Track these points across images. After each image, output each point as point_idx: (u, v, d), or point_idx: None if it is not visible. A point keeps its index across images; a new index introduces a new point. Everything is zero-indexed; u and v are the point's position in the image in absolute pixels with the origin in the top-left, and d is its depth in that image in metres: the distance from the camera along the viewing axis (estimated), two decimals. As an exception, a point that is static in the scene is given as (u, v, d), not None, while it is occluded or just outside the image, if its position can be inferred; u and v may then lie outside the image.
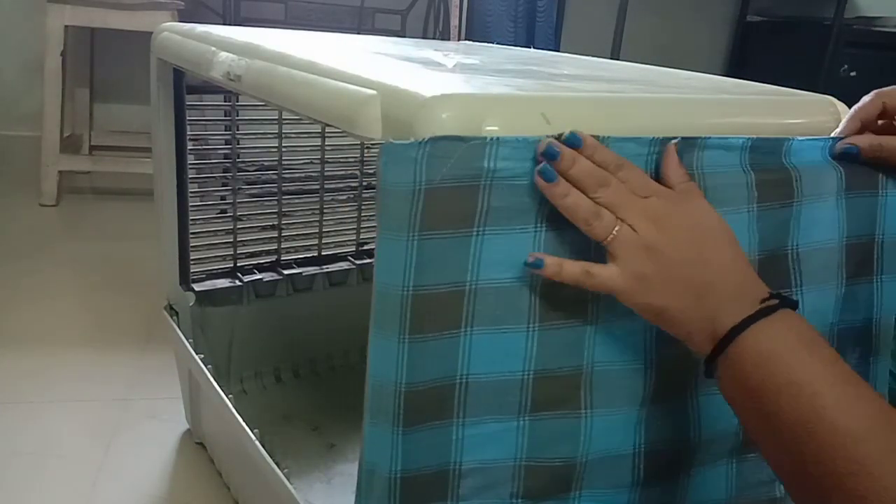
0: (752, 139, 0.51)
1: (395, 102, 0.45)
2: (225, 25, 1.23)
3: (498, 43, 1.16)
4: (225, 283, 1.04)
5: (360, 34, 1.43)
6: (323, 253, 1.15)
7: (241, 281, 1.05)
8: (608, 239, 0.45)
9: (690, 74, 0.75)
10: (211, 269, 1.04)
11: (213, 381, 0.84)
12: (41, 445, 0.99)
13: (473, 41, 1.18)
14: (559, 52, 1.17)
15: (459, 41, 2.07)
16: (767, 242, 0.52)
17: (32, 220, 1.83)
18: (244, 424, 0.76)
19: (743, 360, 0.43)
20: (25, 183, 1.97)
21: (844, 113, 0.57)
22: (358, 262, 1.16)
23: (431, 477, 0.48)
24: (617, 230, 0.44)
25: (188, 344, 0.92)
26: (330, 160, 1.10)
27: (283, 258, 1.11)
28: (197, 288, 1.00)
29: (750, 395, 0.43)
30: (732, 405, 0.45)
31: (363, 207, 1.16)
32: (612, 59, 1.16)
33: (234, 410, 0.78)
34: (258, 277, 1.06)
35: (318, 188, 1.11)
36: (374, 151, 1.12)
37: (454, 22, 2.23)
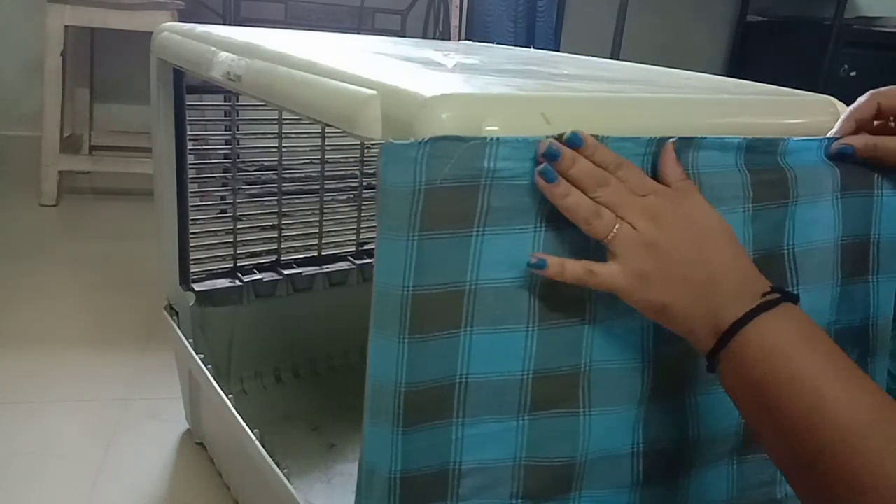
0: (747, 139, 0.51)
1: (395, 102, 0.45)
2: (225, 25, 1.23)
3: (498, 43, 1.16)
4: (225, 283, 1.04)
5: (360, 34, 1.43)
6: (323, 253, 1.15)
7: (241, 281, 1.05)
8: (608, 237, 0.45)
9: (690, 74, 0.75)
10: (211, 269, 1.04)
11: (213, 381, 0.84)
12: (41, 445, 0.99)
13: (473, 41, 1.18)
14: (559, 52, 1.17)
15: (459, 41, 2.07)
16: (763, 242, 0.53)
17: (32, 220, 1.83)
18: (244, 424, 0.76)
19: (745, 354, 0.43)
20: (25, 183, 1.97)
21: (845, 113, 0.57)
22: (358, 262, 1.16)
23: (431, 477, 0.48)
24: (617, 228, 0.45)
25: (188, 344, 0.92)
26: (330, 160, 1.10)
27: (283, 258, 1.11)
28: (197, 288, 1.00)
29: (752, 389, 0.43)
30: (734, 399, 0.45)
31: (363, 207, 1.16)
32: (612, 59, 1.16)
33: (234, 410, 0.78)
34: (258, 277, 1.06)
35: (318, 188, 1.11)
36: (374, 151, 1.12)
37: (454, 22, 2.23)
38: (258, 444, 0.73)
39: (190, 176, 0.94)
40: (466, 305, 0.45)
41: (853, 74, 2.67)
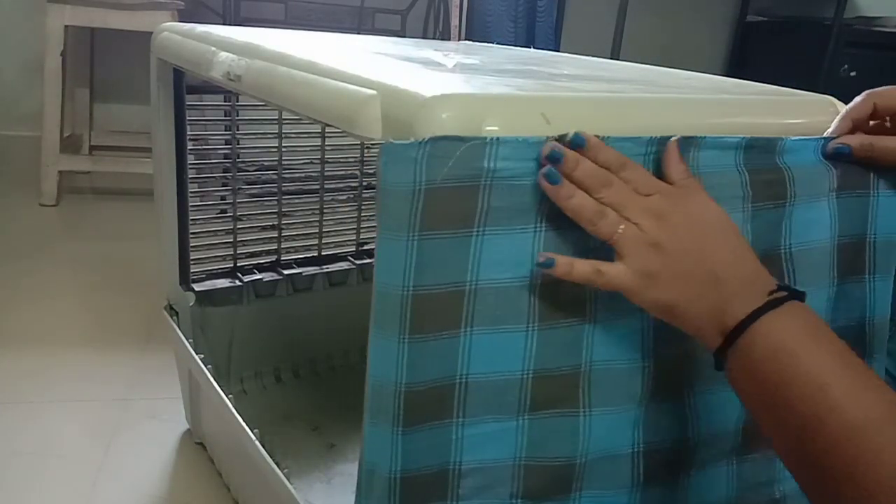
0: (746, 139, 0.51)
1: (395, 102, 0.45)
2: (225, 25, 1.23)
3: (498, 43, 1.16)
4: (225, 283, 1.04)
5: (360, 34, 1.43)
6: (323, 253, 1.15)
7: (241, 281, 1.05)
8: (613, 238, 0.45)
9: (690, 74, 0.75)
10: (211, 269, 1.04)
11: (213, 381, 0.84)
12: (41, 445, 0.99)
13: (473, 41, 1.18)
14: (559, 52, 1.17)
15: (459, 41, 2.07)
16: (761, 242, 0.53)
17: (32, 220, 1.83)
18: (244, 424, 0.76)
19: (752, 352, 0.43)
20: (25, 183, 1.97)
21: (845, 113, 0.57)
22: (358, 262, 1.16)
23: (431, 477, 0.48)
24: (622, 229, 0.45)
25: (188, 344, 0.92)
26: (330, 160, 1.10)
27: (283, 258, 1.11)
28: (197, 288, 1.00)
29: (759, 386, 0.43)
30: (742, 397, 0.45)
31: (363, 207, 1.16)
32: (612, 59, 1.16)
33: (234, 410, 0.78)
34: (258, 277, 1.06)
35: (318, 188, 1.11)
36: (374, 151, 1.12)
37: (454, 22, 2.23)
38: (258, 444, 0.73)
39: (190, 176, 0.94)
40: (466, 305, 0.45)
41: (853, 74, 2.67)
